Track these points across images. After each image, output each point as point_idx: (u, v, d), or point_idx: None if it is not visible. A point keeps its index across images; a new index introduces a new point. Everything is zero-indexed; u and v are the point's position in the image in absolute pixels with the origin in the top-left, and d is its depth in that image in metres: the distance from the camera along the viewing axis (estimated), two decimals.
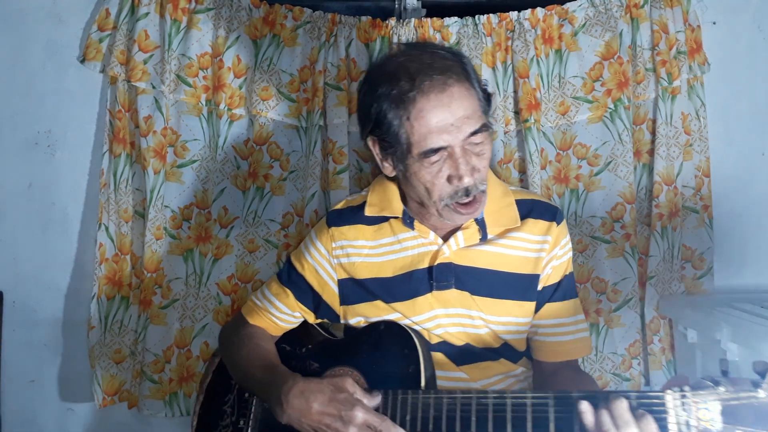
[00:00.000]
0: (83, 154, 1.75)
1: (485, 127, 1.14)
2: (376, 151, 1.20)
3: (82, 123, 1.75)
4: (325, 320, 1.36)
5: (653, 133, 1.72)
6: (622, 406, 0.92)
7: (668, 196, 1.70)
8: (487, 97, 1.18)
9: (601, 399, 0.95)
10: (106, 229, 1.70)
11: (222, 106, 1.69)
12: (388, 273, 1.25)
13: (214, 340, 1.71)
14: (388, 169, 1.21)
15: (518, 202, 1.27)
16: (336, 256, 1.29)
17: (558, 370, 1.28)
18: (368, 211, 1.28)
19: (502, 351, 1.26)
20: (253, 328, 1.35)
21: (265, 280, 1.71)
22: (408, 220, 1.25)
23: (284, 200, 1.74)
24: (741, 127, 1.79)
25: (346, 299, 1.29)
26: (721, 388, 0.85)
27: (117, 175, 1.70)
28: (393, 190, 1.27)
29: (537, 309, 1.27)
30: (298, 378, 1.14)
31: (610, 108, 1.69)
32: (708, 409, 0.85)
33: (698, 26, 1.72)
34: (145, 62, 1.66)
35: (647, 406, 0.91)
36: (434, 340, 1.24)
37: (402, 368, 1.17)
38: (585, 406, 0.96)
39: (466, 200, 1.15)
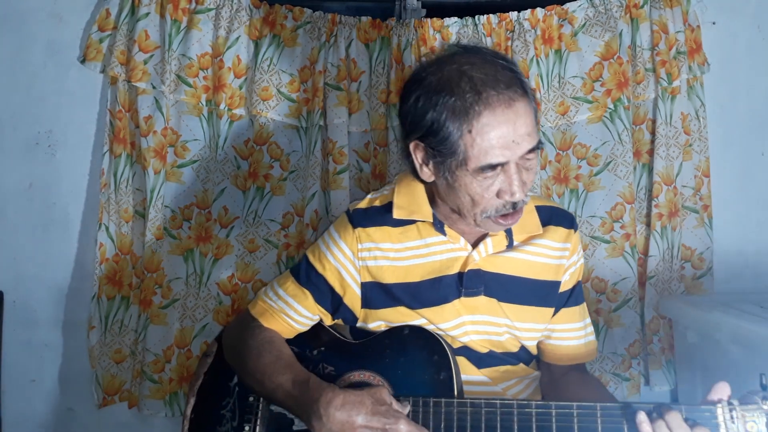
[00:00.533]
0: (84, 154, 1.76)
1: (541, 144, 1.11)
2: (418, 156, 1.15)
3: (83, 123, 1.75)
4: (340, 321, 1.31)
5: (653, 133, 1.73)
6: (678, 417, 0.95)
7: (668, 196, 1.70)
8: (536, 106, 1.14)
9: (653, 411, 0.98)
10: (107, 229, 1.70)
11: (222, 106, 1.69)
12: (414, 278, 1.21)
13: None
14: (426, 174, 1.16)
15: (537, 209, 1.26)
16: (362, 258, 1.23)
17: (567, 372, 1.28)
18: (396, 214, 1.23)
19: (520, 355, 1.26)
20: (271, 333, 1.26)
21: (266, 280, 1.72)
22: (439, 225, 1.21)
23: (284, 200, 1.74)
24: (740, 127, 1.79)
25: (368, 303, 1.24)
26: (767, 402, 0.92)
27: (117, 175, 1.70)
28: (421, 192, 1.23)
29: (554, 314, 1.27)
30: (337, 390, 1.09)
31: (609, 108, 1.70)
32: (755, 422, 0.91)
33: (698, 26, 1.72)
34: (145, 62, 1.66)
35: (700, 419, 0.95)
36: (457, 345, 1.23)
37: (432, 375, 1.15)
38: (642, 417, 0.97)
39: (510, 212, 1.13)
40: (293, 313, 1.26)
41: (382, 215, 1.24)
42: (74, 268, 1.77)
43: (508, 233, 1.22)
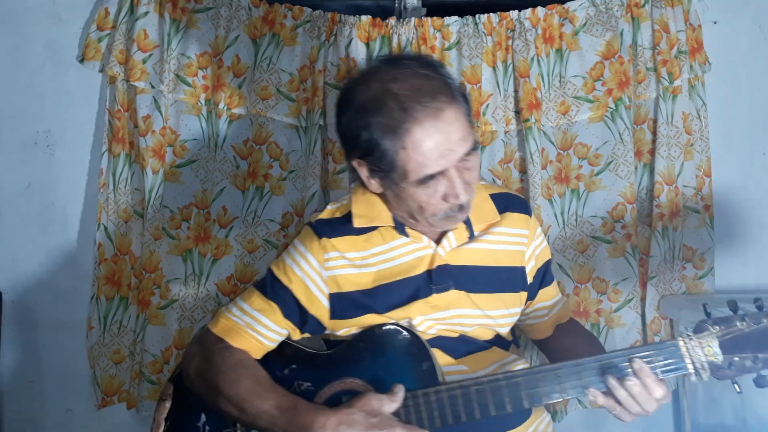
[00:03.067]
0: (82, 153, 1.75)
1: (476, 145, 1.13)
2: (362, 171, 1.17)
3: (82, 123, 1.75)
4: (307, 335, 1.26)
5: (654, 132, 1.72)
6: (646, 370, 1.05)
7: (669, 196, 1.70)
8: (468, 104, 1.15)
9: (623, 361, 1.07)
10: (105, 229, 1.70)
11: (221, 105, 1.69)
12: (382, 281, 1.21)
13: None
14: (374, 186, 1.18)
15: (492, 197, 1.29)
16: (328, 269, 1.21)
17: (563, 335, 1.37)
18: (357, 223, 1.22)
19: (494, 341, 1.27)
20: (241, 354, 1.19)
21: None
22: (400, 227, 1.22)
23: (284, 200, 1.73)
24: (742, 127, 1.79)
25: (337, 314, 1.22)
26: (716, 327, 1.05)
27: (116, 174, 1.70)
28: (377, 199, 1.23)
29: (532, 296, 1.33)
30: (329, 412, 1.08)
31: (610, 108, 1.69)
32: (710, 346, 1.04)
33: (699, 26, 1.72)
34: (144, 62, 1.66)
35: (666, 354, 1.06)
36: (427, 338, 1.23)
37: (414, 367, 1.16)
38: (613, 382, 1.05)
39: (454, 214, 1.16)
40: (262, 329, 1.21)
41: (344, 225, 1.24)
42: (73, 268, 1.77)
43: (468, 225, 1.24)
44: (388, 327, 1.20)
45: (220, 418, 1.20)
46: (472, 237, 1.24)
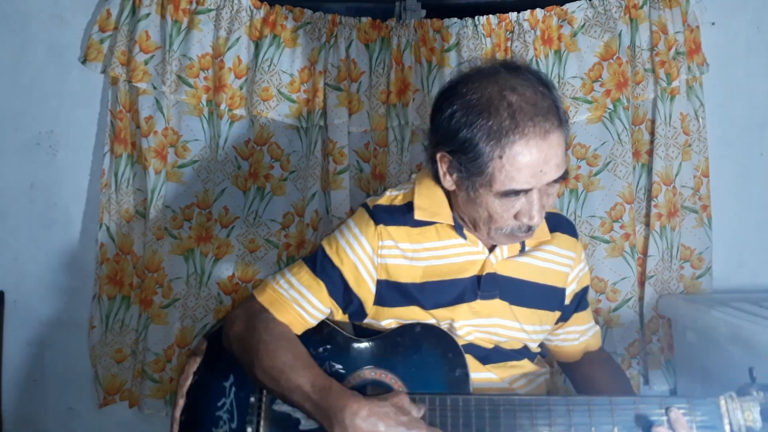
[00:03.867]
0: (85, 154, 1.76)
1: (566, 174, 1.12)
2: (443, 165, 1.15)
3: (84, 123, 1.75)
4: (346, 318, 1.28)
5: (652, 133, 1.73)
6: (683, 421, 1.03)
7: (667, 196, 1.71)
8: (568, 132, 1.14)
9: (660, 409, 1.05)
10: (107, 229, 1.71)
11: (223, 106, 1.70)
12: (431, 278, 1.21)
13: None
14: (449, 183, 1.16)
15: (546, 216, 1.26)
16: (381, 256, 1.21)
17: (591, 362, 1.36)
18: (418, 215, 1.21)
19: (523, 352, 1.28)
20: (284, 328, 1.20)
21: (265, 280, 1.70)
22: (459, 228, 1.22)
23: (285, 200, 1.74)
24: (739, 128, 1.79)
25: (381, 300, 1.22)
26: (760, 393, 1.01)
27: (118, 175, 1.70)
28: (441, 195, 1.22)
29: (566, 318, 1.33)
30: (362, 400, 1.07)
31: (609, 108, 1.70)
32: (751, 410, 1.01)
33: (697, 27, 1.72)
34: (146, 63, 1.67)
35: (705, 411, 1.03)
36: (462, 343, 1.22)
37: (447, 372, 1.15)
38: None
39: (522, 234, 1.15)
40: (307, 305, 1.21)
41: (403, 214, 1.23)
42: (75, 267, 1.77)
43: None
44: (427, 326, 1.20)
45: (248, 383, 1.21)
46: (523, 251, 1.25)
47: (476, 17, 1.69)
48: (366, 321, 1.25)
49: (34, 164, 1.75)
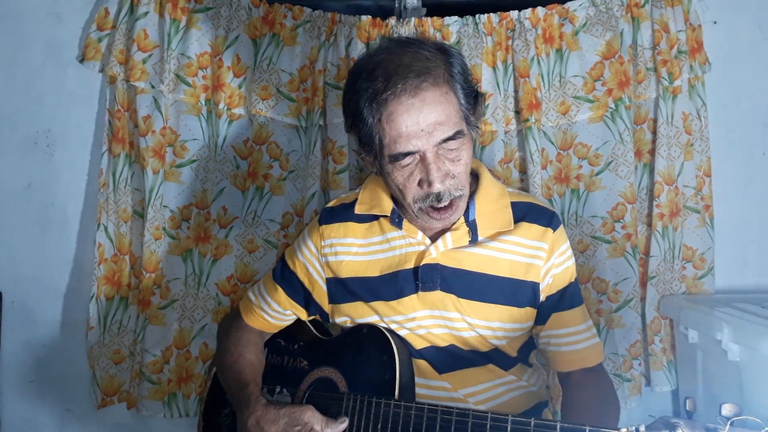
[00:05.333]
0: (82, 153, 1.75)
1: (460, 134, 1.11)
2: (360, 149, 1.19)
3: (81, 123, 1.74)
4: (317, 317, 1.35)
5: (654, 132, 1.72)
6: None
7: (669, 196, 1.70)
8: (472, 100, 1.14)
9: None
10: (105, 229, 1.70)
11: (221, 105, 1.69)
12: (373, 272, 1.24)
13: (213, 340, 1.70)
14: (368, 162, 1.19)
15: (514, 205, 1.25)
16: (324, 255, 1.28)
17: (582, 379, 1.26)
18: (358, 209, 1.27)
19: (491, 356, 1.23)
20: (243, 332, 1.36)
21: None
22: (396, 219, 1.23)
23: (284, 200, 1.73)
24: (742, 127, 1.78)
25: (333, 298, 1.28)
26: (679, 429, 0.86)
27: (116, 174, 1.69)
28: (384, 188, 1.25)
29: (543, 319, 1.25)
30: (259, 406, 1.17)
31: (610, 107, 1.69)
32: None
33: (699, 26, 1.71)
34: (144, 62, 1.66)
35: None
36: (418, 345, 1.22)
37: (379, 375, 1.17)
38: None
39: (439, 205, 1.13)
40: (267, 308, 1.35)
41: (347, 211, 1.29)
42: (73, 268, 1.77)
43: (472, 228, 1.21)
44: (372, 328, 1.22)
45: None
46: (474, 241, 1.21)
47: (477, 15, 1.68)
48: (330, 321, 1.31)
49: (31, 164, 1.74)
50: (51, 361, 1.78)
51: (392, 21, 1.69)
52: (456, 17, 1.68)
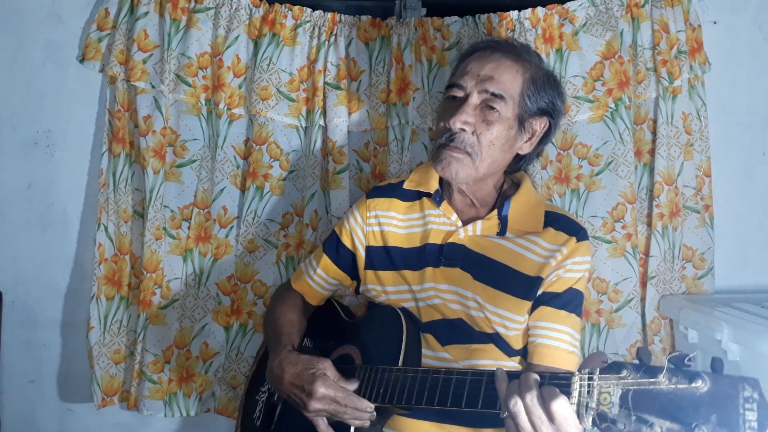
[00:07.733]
0: (82, 153, 1.75)
1: (500, 97, 1.25)
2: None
3: (82, 123, 1.74)
4: (354, 285, 1.47)
5: (654, 132, 1.72)
6: (531, 376, 0.91)
7: (669, 195, 1.70)
8: (536, 112, 1.29)
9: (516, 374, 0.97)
10: (106, 229, 1.70)
11: (221, 105, 1.69)
12: (408, 244, 1.36)
13: (214, 340, 1.70)
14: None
15: (547, 213, 1.33)
16: (369, 224, 1.42)
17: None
18: (407, 185, 1.41)
19: (494, 338, 1.26)
20: (289, 295, 1.49)
21: (265, 280, 1.74)
22: (438, 199, 1.36)
23: (284, 200, 1.73)
24: (742, 127, 1.79)
25: (370, 264, 1.40)
26: (625, 372, 0.83)
27: (116, 174, 1.69)
28: (434, 171, 1.34)
29: (531, 310, 1.26)
30: (284, 350, 1.26)
31: (610, 107, 1.69)
32: (609, 393, 0.84)
33: (699, 26, 1.71)
34: (144, 62, 1.66)
35: (556, 385, 0.90)
36: (430, 316, 1.30)
37: (388, 347, 1.24)
38: (500, 372, 0.96)
39: (448, 144, 1.26)
40: (314, 275, 1.47)
41: (393, 190, 1.44)
42: (73, 268, 1.77)
43: (503, 222, 1.31)
44: (385, 307, 1.33)
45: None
46: (502, 233, 1.30)
47: (477, 15, 1.68)
48: (362, 288, 1.42)
49: (31, 164, 1.74)
50: (51, 361, 1.78)
51: (392, 21, 1.69)
52: (456, 17, 1.69)
